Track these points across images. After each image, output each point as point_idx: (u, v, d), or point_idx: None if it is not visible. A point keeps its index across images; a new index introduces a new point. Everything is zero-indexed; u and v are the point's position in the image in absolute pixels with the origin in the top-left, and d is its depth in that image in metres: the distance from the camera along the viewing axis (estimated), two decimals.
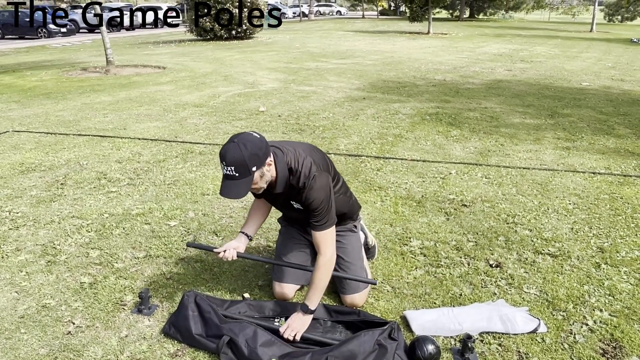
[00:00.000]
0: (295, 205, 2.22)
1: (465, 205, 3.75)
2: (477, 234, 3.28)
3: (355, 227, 2.51)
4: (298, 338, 2.08)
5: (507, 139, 5.51)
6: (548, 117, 6.52)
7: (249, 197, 3.73)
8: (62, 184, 4.08)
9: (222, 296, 2.51)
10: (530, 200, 3.85)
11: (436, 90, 8.50)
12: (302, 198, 2.10)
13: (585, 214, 3.61)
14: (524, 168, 4.58)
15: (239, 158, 1.87)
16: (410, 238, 3.20)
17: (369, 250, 2.83)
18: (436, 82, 9.37)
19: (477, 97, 7.89)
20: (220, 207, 3.63)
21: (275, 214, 3.25)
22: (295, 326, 2.11)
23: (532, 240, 3.19)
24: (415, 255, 2.98)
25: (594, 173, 4.46)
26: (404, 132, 5.77)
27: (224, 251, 2.27)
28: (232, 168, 1.88)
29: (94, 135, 5.44)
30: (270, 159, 2.00)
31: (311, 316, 2.16)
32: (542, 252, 3.04)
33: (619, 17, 44.02)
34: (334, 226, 2.18)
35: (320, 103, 7.31)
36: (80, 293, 2.54)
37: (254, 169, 1.91)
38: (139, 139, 5.33)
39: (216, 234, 3.21)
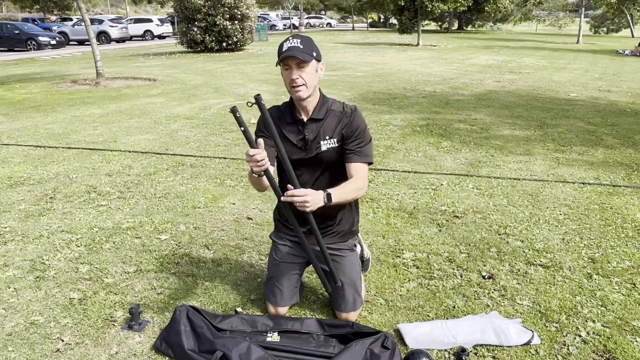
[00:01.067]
0: (325, 146, 2.14)
1: (457, 217, 3.76)
2: (469, 245, 3.29)
3: (355, 245, 2.47)
4: (305, 208, 1.89)
5: (498, 150, 5.55)
6: (537, 128, 6.58)
7: (240, 213, 3.71)
8: (51, 197, 4.04)
9: (215, 310, 2.48)
10: (521, 211, 3.87)
11: (426, 101, 8.56)
12: (348, 121, 2.14)
13: (576, 224, 3.63)
14: (514, 179, 4.61)
15: (307, 38, 2.03)
16: (402, 250, 3.20)
17: (364, 263, 2.82)
18: (426, 93, 9.44)
19: (467, 108, 7.96)
20: (212, 220, 3.61)
21: (268, 228, 3.23)
22: (309, 194, 1.89)
23: (524, 252, 3.20)
24: (408, 268, 2.97)
25: (583, 183, 4.49)
26: (395, 143, 5.79)
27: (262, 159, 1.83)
28: (299, 41, 1.99)
29: (84, 148, 5.40)
30: (324, 65, 2.14)
31: (322, 203, 1.96)
32: (534, 263, 3.05)
33: (605, 29, 44.82)
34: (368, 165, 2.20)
35: None
36: (69, 309, 2.50)
37: (314, 54, 2.02)
38: (130, 151, 5.30)
39: (207, 248, 3.18)
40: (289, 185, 1.91)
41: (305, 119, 2.16)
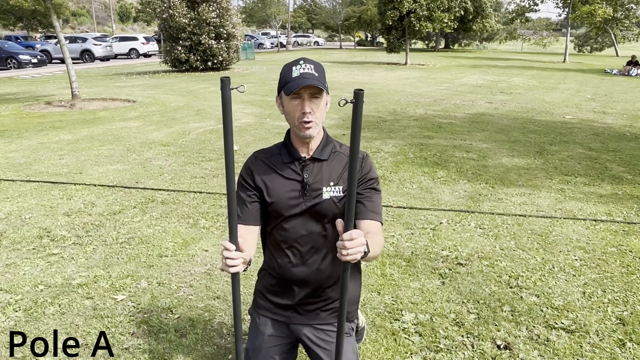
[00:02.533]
0: (327, 194, 1.67)
1: (461, 264, 3.31)
2: (479, 302, 2.83)
3: (352, 329, 1.92)
4: (356, 255, 1.35)
5: (498, 180, 5.14)
6: (537, 155, 6.20)
7: (213, 262, 3.15)
8: None
9: None
10: (532, 257, 3.44)
11: (418, 125, 8.17)
12: (360, 170, 1.71)
13: (595, 272, 3.20)
14: (520, 215, 4.19)
15: (319, 65, 1.64)
16: (401, 310, 2.73)
17: (358, 333, 2.34)
18: (417, 116, 9.07)
19: (461, 132, 7.58)
20: (180, 272, 3.11)
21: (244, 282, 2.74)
22: (359, 239, 1.35)
23: (542, 310, 2.75)
24: (409, 335, 2.51)
25: (595, 220, 4.08)
26: (388, 173, 5.36)
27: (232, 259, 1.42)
28: (312, 67, 1.61)
29: (44, 182, 4.87)
30: (329, 97, 1.71)
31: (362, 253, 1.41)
32: (555, 325, 2.60)
33: (588, 48, 45.42)
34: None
35: None
36: None
37: (326, 85, 1.64)
38: (95, 185, 4.78)
39: (171, 311, 2.68)
40: (343, 231, 1.36)
41: (306, 157, 1.71)
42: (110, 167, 5.41)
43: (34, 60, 24.23)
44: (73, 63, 10.63)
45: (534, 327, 2.60)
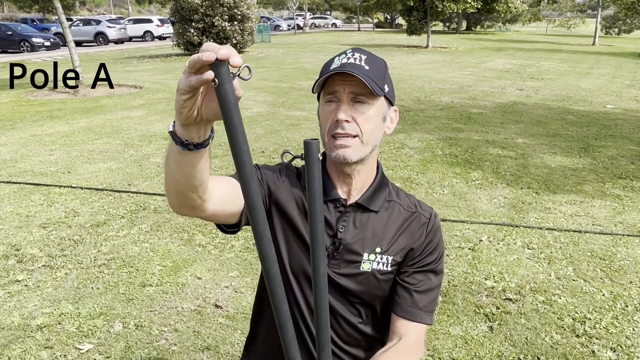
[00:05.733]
0: (368, 264, 1.06)
1: (511, 300, 2.69)
2: (539, 358, 2.22)
3: None
4: None
5: (542, 184, 4.47)
6: (582, 152, 5.49)
7: (206, 295, 2.46)
8: None
9: None
10: (597, 289, 2.80)
11: (444, 115, 7.46)
12: (423, 234, 1.09)
13: None
14: (574, 231, 3.53)
15: (378, 59, 1.07)
16: None
17: None
18: (443, 105, 8.34)
19: (493, 124, 6.86)
20: (164, 310, 2.54)
21: (243, 325, 2.15)
22: None
23: None
24: None
25: None
26: (414, 174, 4.71)
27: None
28: (364, 58, 1.04)
29: (26, 184, 4.32)
30: (397, 114, 1.12)
31: None
32: None
33: (616, 30, 43.65)
34: None
35: (313, 133, 6.26)
36: None
37: (386, 88, 1.05)
38: (82, 188, 4.22)
39: None
40: None
41: (347, 201, 1.09)
42: (103, 165, 4.84)
43: (47, 43, 23.84)
44: (87, 45, 10.07)
45: None
